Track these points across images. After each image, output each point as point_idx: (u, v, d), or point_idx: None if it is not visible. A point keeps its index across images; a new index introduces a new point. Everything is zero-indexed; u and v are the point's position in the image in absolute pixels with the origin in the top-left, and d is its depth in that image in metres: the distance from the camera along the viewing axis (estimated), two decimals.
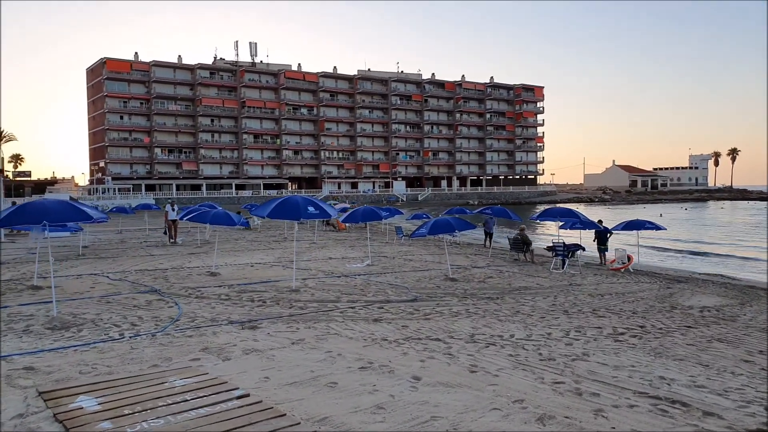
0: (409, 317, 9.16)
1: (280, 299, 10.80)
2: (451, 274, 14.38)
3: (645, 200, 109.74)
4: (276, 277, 14.28)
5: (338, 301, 10.59)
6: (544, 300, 11.34)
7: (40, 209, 8.23)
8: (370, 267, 16.75)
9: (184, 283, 13.14)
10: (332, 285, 12.86)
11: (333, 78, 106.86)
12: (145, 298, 11.07)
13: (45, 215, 8.23)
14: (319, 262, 18.06)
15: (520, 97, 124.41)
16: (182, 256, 19.51)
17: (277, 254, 20.59)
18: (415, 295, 11.39)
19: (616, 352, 7.12)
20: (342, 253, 21.05)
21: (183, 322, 8.70)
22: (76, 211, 8.51)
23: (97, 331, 8.18)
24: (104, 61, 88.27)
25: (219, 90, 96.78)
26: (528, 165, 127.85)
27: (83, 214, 8.51)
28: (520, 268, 17.33)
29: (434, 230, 13.27)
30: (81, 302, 10.59)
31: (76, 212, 8.50)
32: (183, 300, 10.82)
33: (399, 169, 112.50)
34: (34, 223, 8.04)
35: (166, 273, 15.11)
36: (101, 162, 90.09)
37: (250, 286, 12.74)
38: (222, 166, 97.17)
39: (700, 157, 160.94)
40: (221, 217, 14.18)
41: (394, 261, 18.54)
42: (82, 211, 8.56)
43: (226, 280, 13.70)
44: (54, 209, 8.36)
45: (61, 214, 8.39)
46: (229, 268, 16.10)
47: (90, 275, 14.66)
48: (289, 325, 8.40)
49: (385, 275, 14.79)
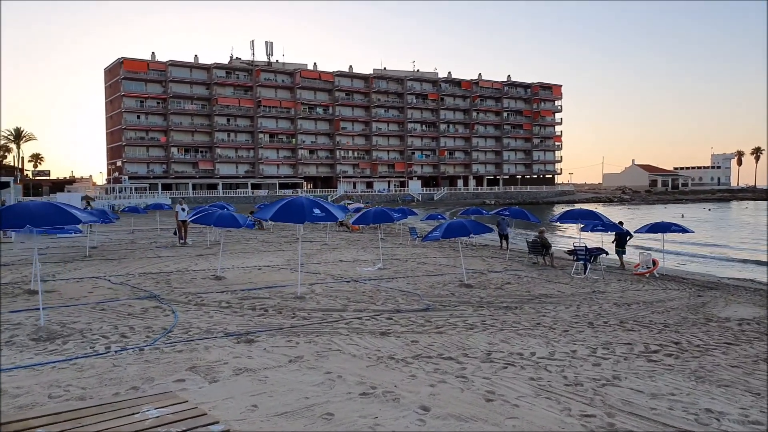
0: (419, 330, 8.45)
1: (283, 307, 10.15)
2: (466, 280, 13.63)
3: (665, 200, 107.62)
4: (282, 281, 13.65)
5: (344, 310, 9.91)
6: (567, 310, 10.55)
7: (23, 213, 7.66)
8: (381, 271, 16.06)
9: (186, 288, 12.56)
10: (340, 291, 12.19)
11: (348, 77, 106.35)
12: (142, 305, 10.50)
13: (29, 219, 7.66)
14: (329, 265, 17.41)
15: (537, 95, 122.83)
16: (190, 258, 18.99)
17: (287, 256, 19.98)
18: (427, 303, 10.66)
19: (651, 375, 6.33)
20: (353, 255, 20.39)
21: (176, 334, 8.09)
22: (61, 214, 7.93)
23: (83, 343, 7.60)
24: (121, 61, 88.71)
25: (235, 89, 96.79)
26: (545, 164, 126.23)
27: (69, 217, 7.93)
28: (540, 273, 16.51)
29: (448, 233, 12.53)
30: (74, 309, 10.04)
31: (62, 215, 7.92)
32: (181, 307, 10.22)
33: (414, 169, 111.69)
34: (17, 226, 7.47)
35: (170, 277, 14.56)
36: (118, 161, 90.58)
37: (253, 291, 12.12)
38: (238, 166, 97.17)
39: (722, 156, 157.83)
40: (226, 219, 13.58)
41: (406, 264, 17.83)
42: (69, 214, 7.98)
43: (230, 285, 13.10)
44: (38, 212, 7.80)
45: (45, 218, 7.81)
46: (236, 272, 15.51)
47: (91, 279, 14.16)
48: (288, 339, 7.74)
49: (396, 280, 14.09)
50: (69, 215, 7.94)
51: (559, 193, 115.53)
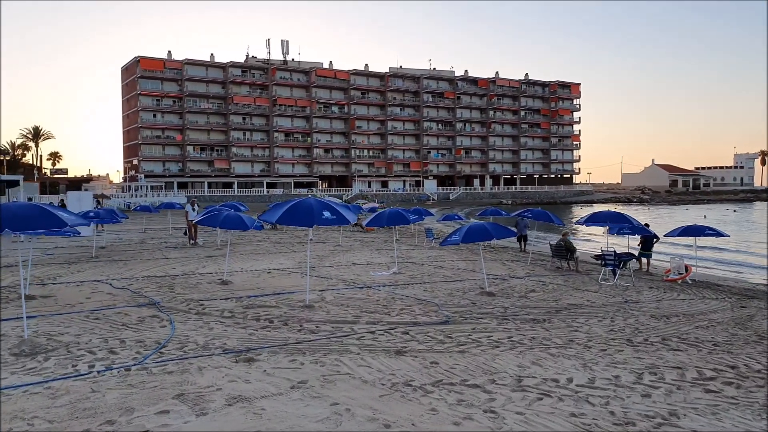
0: (439, 348, 7.58)
1: (290, 318, 9.33)
2: (487, 287, 12.71)
3: (686, 201, 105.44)
4: (291, 287, 12.86)
5: (356, 323, 9.06)
6: (600, 324, 9.60)
7: (4, 215, 6.93)
8: (396, 275, 15.21)
9: (190, 294, 11.81)
10: (352, 299, 11.35)
11: (364, 75, 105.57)
12: (139, 313, 9.75)
13: (8, 222, 6.93)
14: (341, 268, 16.60)
15: (555, 94, 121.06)
16: (198, 260, 18.31)
17: (298, 258, 19.22)
18: (446, 315, 9.78)
19: (714, 412, 5.40)
20: (367, 258, 19.56)
21: (169, 350, 7.31)
22: (45, 217, 7.18)
23: (66, 360, 6.85)
24: (138, 59, 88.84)
25: (251, 88, 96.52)
26: (563, 164, 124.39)
27: (53, 220, 7.18)
28: (565, 279, 15.54)
29: (468, 237, 11.62)
30: (66, 318, 9.31)
31: (46, 218, 7.17)
32: (180, 317, 9.46)
33: (430, 168, 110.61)
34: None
35: (174, 280, 13.85)
36: (134, 159, 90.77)
37: (260, 299, 11.34)
38: (253, 165, 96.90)
39: (745, 156, 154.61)
40: (232, 221, 12.80)
41: (423, 268, 16.96)
42: (54, 217, 7.23)
43: (236, 291, 12.34)
44: (20, 215, 7.07)
45: (27, 221, 7.07)
46: (244, 276, 14.76)
47: (93, 282, 13.49)
48: (292, 358, 6.91)
49: (412, 287, 13.22)
50: (53, 218, 7.18)
51: (577, 193, 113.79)
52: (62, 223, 7.11)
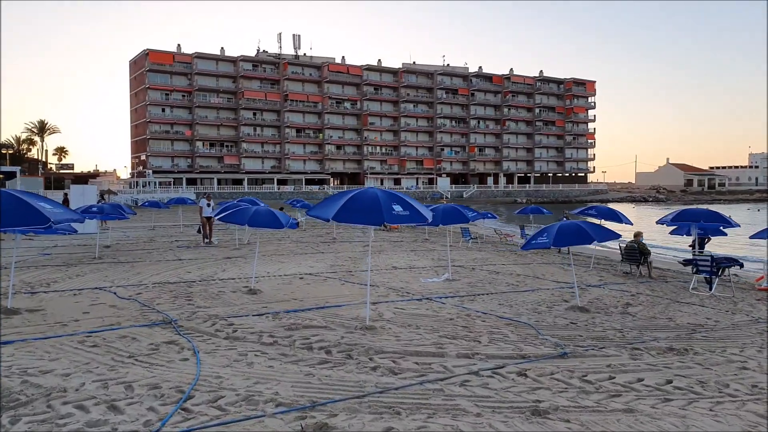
0: (589, 402, 5.23)
1: (352, 346, 7.00)
2: (579, 302, 10.32)
3: (702, 200, 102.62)
4: (335, 298, 10.54)
5: (443, 355, 6.72)
6: (742, 353, 7.23)
7: None
8: (450, 283, 12.88)
9: (213, 308, 9.51)
10: (417, 316, 9.01)
11: (377, 71, 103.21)
12: (151, 337, 7.45)
13: None
14: (383, 273, 14.26)
15: (570, 91, 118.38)
16: (216, 262, 16.05)
17: (329, 260, 16.93)
18: (557, 344, 7.40)
19: None
20: (406, 261, 17.23)
21: (197, 404, 5.00)
22: (24, 211, 4.91)
23: (43, 424, 4.55)
24: (147, 52, 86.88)
25: (262, 83, 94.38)
26: (578, 162, 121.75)
27: (33, 216, 4.91)
28: (648, 287, 13.13)
29: (561, 239, 9.25)
30: (55, 344, 7.02)
31: (24, 214, 4.90)
32: (206, 343, 7.16)
33: (444, 165, 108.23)
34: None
35: (191, 288, 11.56)
36: (143, 155, 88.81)
37: (301, 314, 9.02)
38: (264, 161, 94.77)
39: (761, 156, 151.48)
40: (264, 217, 10.46)
41: (475, 274, 14.61)
42: (35, 211, 4.96)
43: (268, 303, 10.03)
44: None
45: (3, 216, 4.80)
46: (273, 282, 12.46)
47: (94, 290, 11.21)
48: (384, 423, 4.58)
49: (481, 298, 10.86)
50: (34, 213, 4.91)
51: (592, 192, 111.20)
52: (43, 218, 4.83)
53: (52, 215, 5.08)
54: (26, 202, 5.04)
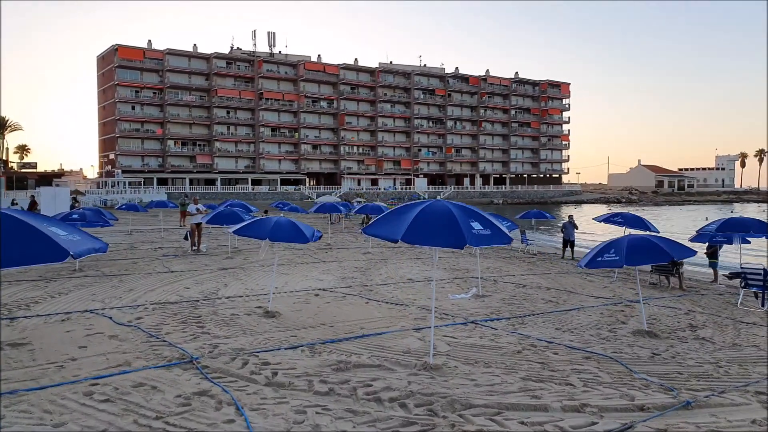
0: None
1: (429, 397, 5.72)
2: (646, 326, 9.22)
3: (673, 201, 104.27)
4: (368, 322, 9.24)
5: (545, 408, 5.50)
6: None
7: None
8: (482, 299, 11.70)
9: (233, 338, 8.12)
10: (476, 348, 7.78)
11: (354, 70, 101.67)
12: (175, 385, 6.05)
13: None
14: (403, 288, 12.99)
15: (545, 93, 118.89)
16: (212, 275, 14.57)
17: (336, 271, 15.60)
18: (670, 389, 6.24)
19: None
20: (419, 272, 16.00)
21: None
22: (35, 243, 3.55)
23: None
24: (116, 48, 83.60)
25: (236, 81, 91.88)
26: (553, 164, 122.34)
27: (49, 250, 3.56)
28: (691, 301, 12.20)
29: (634, 257, 8.07)
30: (55, 398, 5.57)
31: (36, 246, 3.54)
32: (245, 392, 5.80)
33: (421, 166, 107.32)
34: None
35: (198, 309, 10.12)
36: (111, 154, 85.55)
37: (341, 346, 7.71)
38: (237, 160, 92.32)
39: (726, 158, 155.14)
40: (286, 231, 9.06)
41: (501, 287, 13.48)
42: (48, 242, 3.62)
43: (295, 330, 8.68)
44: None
45: None
46: (287, 301, 11.08)
47: (84, 314, 9.68)
48: None
49: (530, 321, 9.69)
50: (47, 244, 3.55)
51: (566, 193, 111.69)
52: (58, 252, 3.46)
53: (70, 246, 3.70)
54: (36, 229, 3.66)
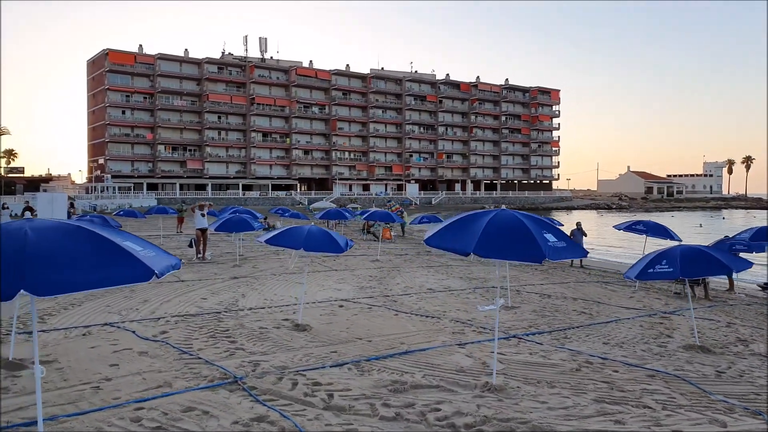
0: None
1: (506, 423, 5.33)
2: (698, 341, 8.89)
3: (663, 208, 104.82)
4: (406, 336, 8.83)
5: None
6: None
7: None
8: (513, 311, 11.35)
9: (271, 354, 7.67)
10: (531, 366, 7.40)
11: (346, 76, 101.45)
12: (229, 410, 5.60)
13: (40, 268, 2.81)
14: (426, 299, 12.59)
15: (535, 99, 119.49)
16: (225, 284, 14.08)
17: (351, 280, 15.16)
18: (761, 414, 5.89)
19: None
20: (437, 281, 15.59)
21: None
22: (117, 259, 3.12)
23: None
24: (107, 52, 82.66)
25: (227, 86, 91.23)
26: (543, 170, 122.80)
27: (132, 267, 3.11)
28: (725, 313, 11.94)
29: (691, 269, 7.77)
30: (100, 425, 5.11)
31: (118, 263, 3.11)
32: (305, 417, 5.38)
33: (412, 171, 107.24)
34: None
35: (223, 323, 9.65)
36: (101, 159, 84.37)
37: (386, 363, 7.30)
38: (228, 166, 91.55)
39: (714, 165, 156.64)
40: (320, 241, 8.61)
41: (525, 297, 13.13)
42: (130, 259, 3.15)
43: (331, 344, 8.25)
44: (51, 252, 2.97)
45: (66, 267, 2.97)
46: (313, 313, 10.63)
47: (104, 327, 9.18)
48: None
49: (573, 334, 9.35)
50: (129, 261, 3.11)
51: (557, 198, 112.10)
52: (143, 270, 3.03)
53: (152, 263, 3.27)
54: (115, 244, 3.22)
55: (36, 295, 2.83)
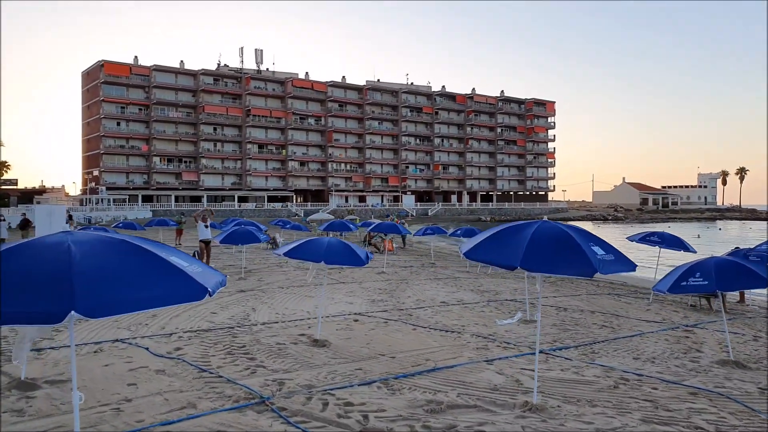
0: None
1: None
2: (732, 356, 8.64)
3: (658, 219, 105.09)
4: (429, 352, 8.54)
5: None
6: None
7: None
8: (529, 324, 11.08)
9: (293, 372, 7.36)
10: (565, 383, 7.12)
11: (342, 88, 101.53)
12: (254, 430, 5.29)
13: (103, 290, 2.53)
14: (441, 312, 12.31)
15: (531, 111, 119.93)
16: (233, 298, 13.75)
17: (360, 293, 14.85)
18: None
19: None
20: (448, 293, 15.31)
21: None
22: (169, 277, 2.83)
23: None
24: (102, 63, 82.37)
25: (223, 97, 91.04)
26: (539, 181, 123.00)
27: (186, 286, 2.82)
28: (747, 325, 11.73)
29: (727, 282, 7.51)
30: None
31: (167, 279, 2.82)
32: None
33: (408, 183, 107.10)
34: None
35: (238, 339, 9.32)
36: (95, 171, 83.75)
37: (415, 381, 7.00)
38: (224, 177, 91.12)
39: (708, 176, 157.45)
40: (341, 253, 8.33)
41: (542, 311, 12.83)
42: (180, 275, 2.86)
43: (354, 361, 7.94)
44: (114, 269, 2.70)
45: (126, 287, 2.69)
46: (328, 327, 10.32)
47: (114, 344, 8.84)
48: None
49: (601, 349, 9.08)
50: (179, 277, 2.82)
51: (552, 210, 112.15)
52: (200, 290, 2.76)
53: (203, 280, 3.00)
54: (165, 261, 2.94)
55: (89, 317, 2.54)
